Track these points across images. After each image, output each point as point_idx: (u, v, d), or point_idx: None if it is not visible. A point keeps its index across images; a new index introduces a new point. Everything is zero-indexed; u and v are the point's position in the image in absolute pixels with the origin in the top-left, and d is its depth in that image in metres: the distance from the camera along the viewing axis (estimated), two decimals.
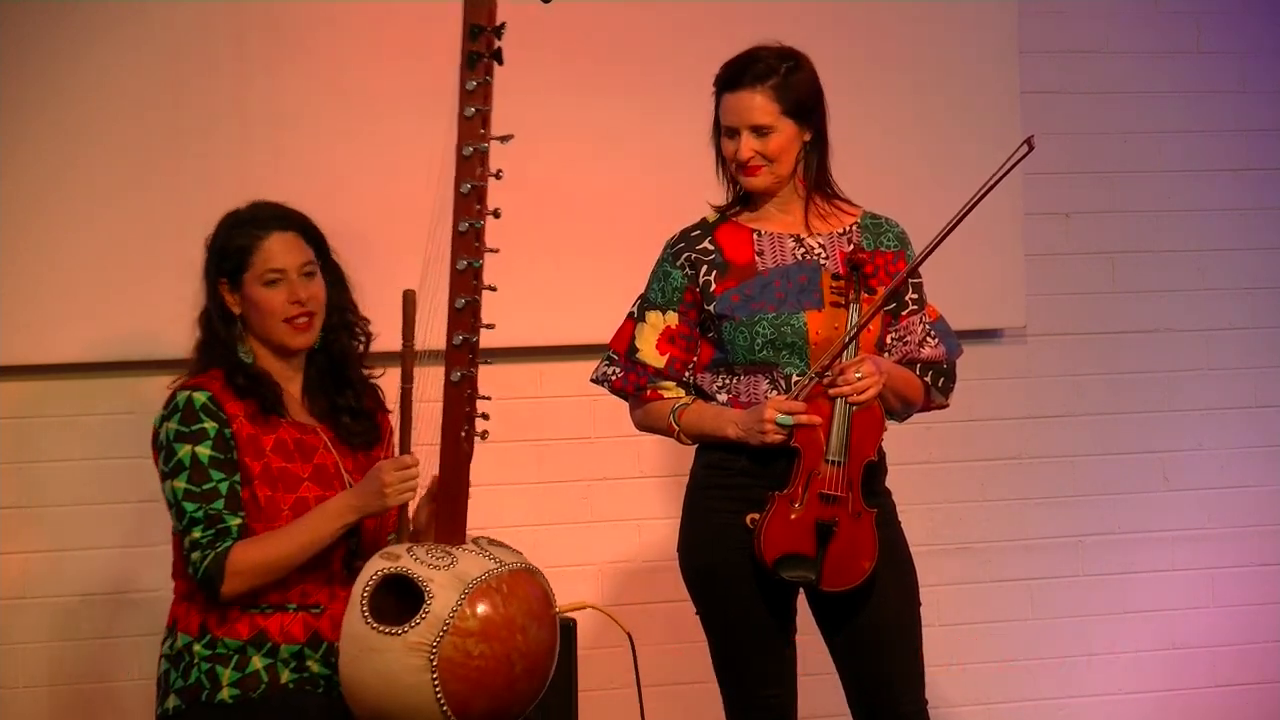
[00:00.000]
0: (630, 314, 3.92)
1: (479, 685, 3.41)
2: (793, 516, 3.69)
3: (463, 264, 3.45)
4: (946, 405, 3.96)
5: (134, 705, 4.71)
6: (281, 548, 3.54)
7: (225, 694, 3.55)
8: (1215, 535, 5.43)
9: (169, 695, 3.61)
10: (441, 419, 3.52)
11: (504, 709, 3.47)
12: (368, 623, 3.40)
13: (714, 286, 3.81)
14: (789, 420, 3.69)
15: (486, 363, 3.53)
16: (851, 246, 3.82)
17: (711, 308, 3.80)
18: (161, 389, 3.69)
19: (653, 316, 3.87)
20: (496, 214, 3.47)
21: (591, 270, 4.92)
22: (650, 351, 3.86)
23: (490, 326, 3.51)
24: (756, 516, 3.71)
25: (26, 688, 4.73)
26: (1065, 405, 5.35)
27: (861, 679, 3.83)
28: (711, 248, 3.84)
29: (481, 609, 3.42)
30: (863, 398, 3.70)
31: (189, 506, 3.55)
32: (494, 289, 3.49)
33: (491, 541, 3.62)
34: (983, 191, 3.72)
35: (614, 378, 3.89)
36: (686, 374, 3.87)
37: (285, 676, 3.57)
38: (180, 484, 3.56)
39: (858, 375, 3.69)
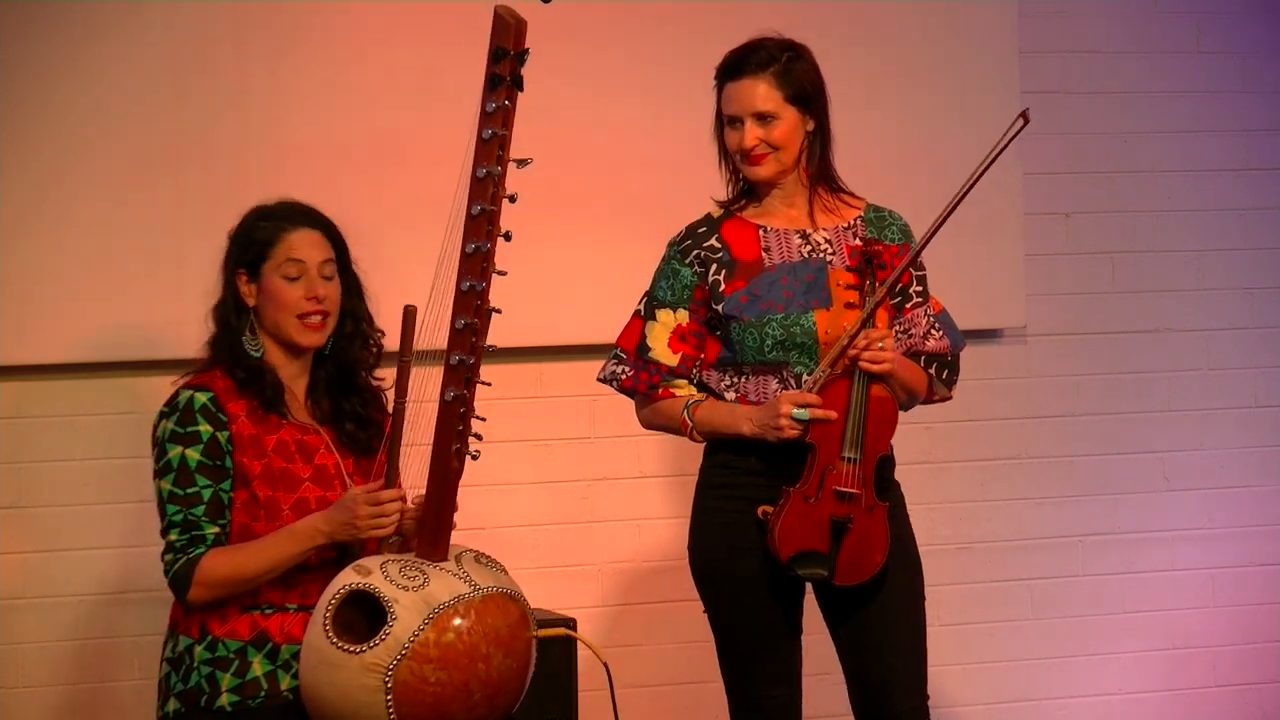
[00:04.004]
0: (637, 312, 3.89)
1: (434, 710, 3.39)
2: (807, 513, 3.68)
3: (467, 285, 3.43)
4: (950, 397, 3.95)
5: (134, 706, 4.70)
6: (248, 564, 3.53)
7: (224, 700, 3.55)
8: (1215, 535, 5.43)
9: (169, 699, 3.60)
10: (434, 434, 3.51)
11: None
12: (328, 637, 3.39)
13: (723, 286, 3.79)
14: (804, 415, 3.67)
15: (487, 384, 3.52)
16: (858, 240, 3.82)
17: (720, 308, 3.79)
18: (161, 389, 3.69)
19: (663, 315, 3.85)
20: (508, 236, 3.45)
21: (592, 270, 4.92)
22: (663, 350, 3.84)
23: (492, 348, 3.49)
24: (770, 509, 3.70)
25: (26, 688, 4.72)
26: (1065, 405, 5.35)
27: (863, 675, 3.82)
28: (718, 245, 3.82)
29: (443, 635, 3.39)
30: (878, 367, 3.67)
31: (170, 509, 3.56)
32: (499, 311, 3.48)
33: (478, 558, 3.59)
34: (980, 170, 3.70)
35: (623, 376, 3.87)
36: (695, 371, 3.86)
37: (285, 683, 3.56)
38: (166, 485, 3.57)
39: (880, 345, 3.68)
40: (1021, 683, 5.31)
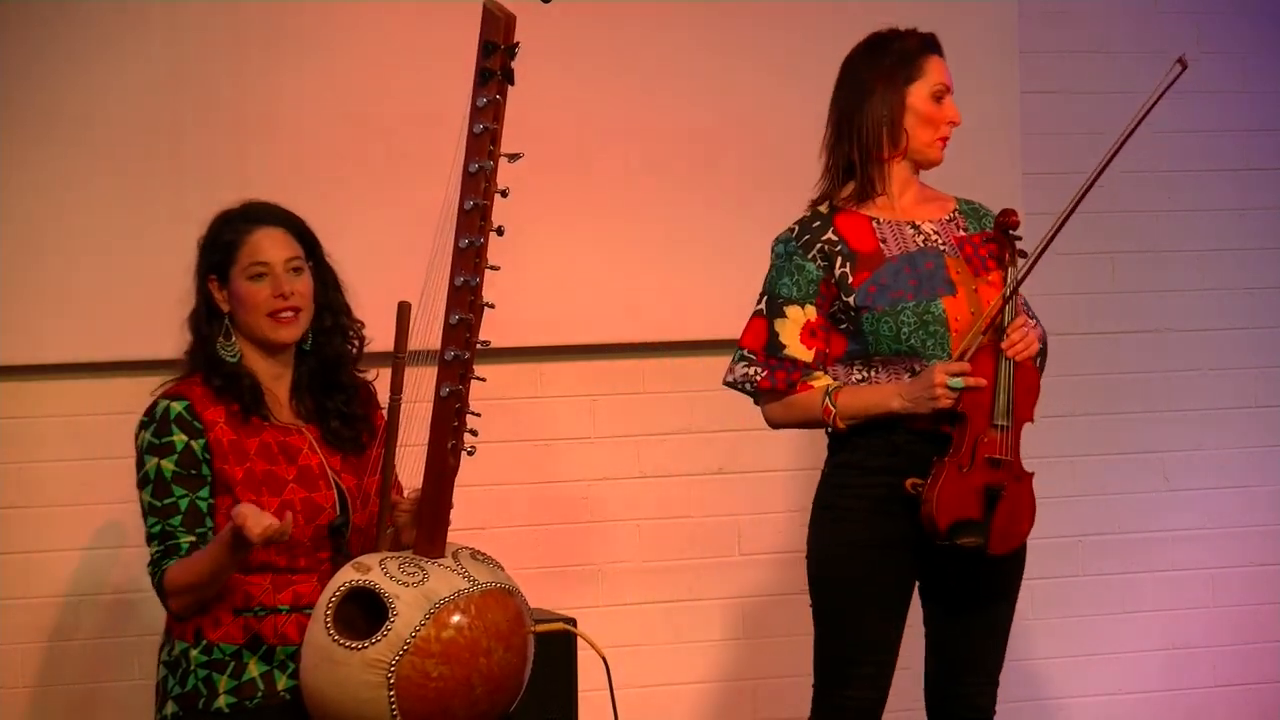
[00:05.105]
0: (758, 312, 3.83)
1: (436, 705, 3.39)
2: (962, 481, 3.69)
3: (460, 280, 3.44)
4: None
5: (132, 706, 4.70)
6: (196, 570, 3.50)
7: (221, 702, 3.55)
8: (1215, 535, 5.43)
9: (167, 702, 3.60)
10: (430, 431, 3.50)
11: None
12: (329, 634, 3.39)
13: (851, 278, 3.76)
14: (959, 383, 3.68)
15: (481, 380, 3.52)
16: (961, 232, 3.85)
17: (851, 300, 3.76)
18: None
19: (792, 311, 3.79)
20: (500, 231, 3.45)
21: (592, 270, 4.92)
22: (797, 346, 3.79)
23: (486, 343, 3.49)
24: (919, 481, 3.70)
25: (25, 688, 4.72)
26: (1065, 405, 5.34)
27: (945, 663, 3.86)
28: (835, 238, 3.80)
29: (445, 630, 3.40)
30: (1027, 353, 3.73)
31: (150, 521, 3.56)
32: (492, 306, 3.48)
33: (474, 555, 3.59)
34: (1136, 121, 3.81)
35: (759, 378, 3.81)
36: (823, 366, 3.83)
37: (282, 684, 3.56)
38: (146, 497, 3.57)
39: (1023, 333, 3.73)
40: (1021, 683, 5.30)
